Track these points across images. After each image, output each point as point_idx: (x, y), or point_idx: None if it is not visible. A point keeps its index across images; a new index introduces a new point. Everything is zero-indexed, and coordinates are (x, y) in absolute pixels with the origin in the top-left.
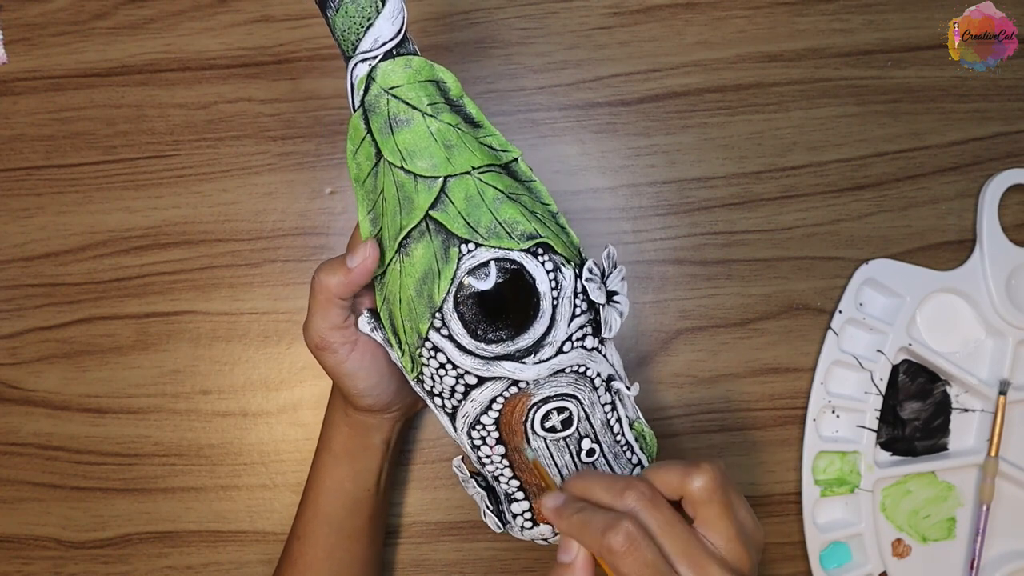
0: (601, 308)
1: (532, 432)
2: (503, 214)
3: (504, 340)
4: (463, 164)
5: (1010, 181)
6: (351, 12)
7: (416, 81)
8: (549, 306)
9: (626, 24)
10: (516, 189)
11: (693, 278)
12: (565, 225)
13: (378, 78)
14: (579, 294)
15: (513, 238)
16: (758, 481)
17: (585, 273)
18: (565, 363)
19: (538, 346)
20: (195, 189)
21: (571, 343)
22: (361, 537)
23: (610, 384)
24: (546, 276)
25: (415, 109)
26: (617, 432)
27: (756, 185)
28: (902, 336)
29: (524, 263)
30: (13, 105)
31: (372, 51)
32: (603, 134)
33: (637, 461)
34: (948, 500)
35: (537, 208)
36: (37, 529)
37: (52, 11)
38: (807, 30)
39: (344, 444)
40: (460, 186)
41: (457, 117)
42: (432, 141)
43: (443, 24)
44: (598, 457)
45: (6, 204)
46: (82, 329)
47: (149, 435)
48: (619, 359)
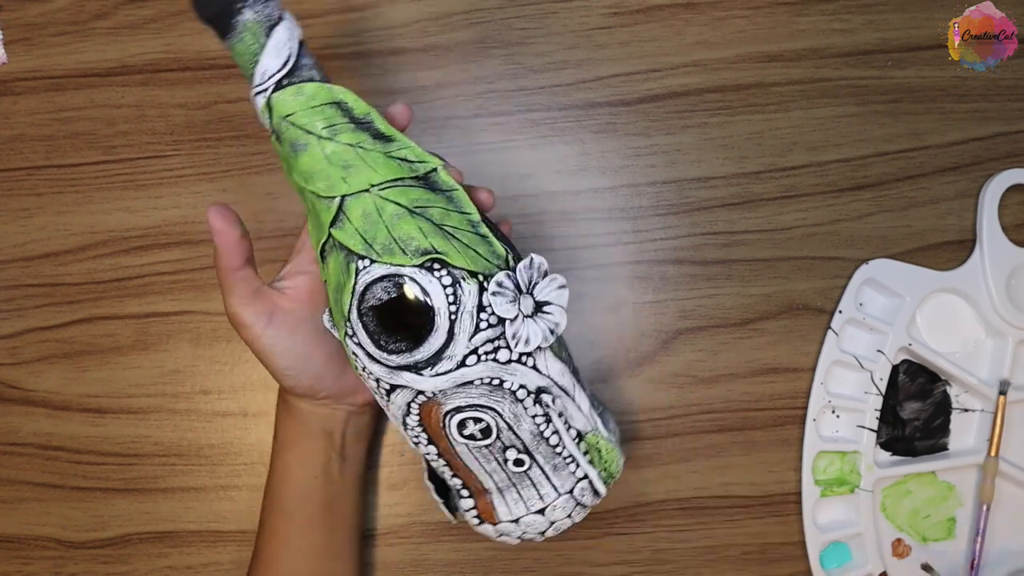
0: (509, 323)
1: (451, 439)
2: (399, 230)
3: (404, 352)
4: (361, 183)
5: (1010, 181)
6: (239, 50)
7: (310, 107)
8: (445, 321)
9: (626, 24)
10: (428, 201)
11: (693, 278)
12: (487, 234)
13: (274, 107)
14: (484, 308)
15: (407, 254)
16: (758, 481)
17: (492, 287)
18: (471, 376)
19: (436, 359)
20: (195, 189)
21: (477, 357)
22: (315, 526)
23: (540, 397)
24: (442, 291)
25: (310, 134)
26: (556, 444)
27: (756, 185)
28: (902, 336)
29: (417, 279)
30: (13, 105)
31: (263, 84)
32: (603, 134)
33: (583, 475)
34: (948, 500)
35: (451, 219)
36: (37, 529)
37: (52, 11)
38: (807, 30)
39: (285, 431)
40: (358, 204)
41: (361, 135)
42: (327, 163)
43: (443, 24)
44: (530, 467)
45: (6, 204)
46: (82, 329)
47: (149, 435)
48: (564, 370)
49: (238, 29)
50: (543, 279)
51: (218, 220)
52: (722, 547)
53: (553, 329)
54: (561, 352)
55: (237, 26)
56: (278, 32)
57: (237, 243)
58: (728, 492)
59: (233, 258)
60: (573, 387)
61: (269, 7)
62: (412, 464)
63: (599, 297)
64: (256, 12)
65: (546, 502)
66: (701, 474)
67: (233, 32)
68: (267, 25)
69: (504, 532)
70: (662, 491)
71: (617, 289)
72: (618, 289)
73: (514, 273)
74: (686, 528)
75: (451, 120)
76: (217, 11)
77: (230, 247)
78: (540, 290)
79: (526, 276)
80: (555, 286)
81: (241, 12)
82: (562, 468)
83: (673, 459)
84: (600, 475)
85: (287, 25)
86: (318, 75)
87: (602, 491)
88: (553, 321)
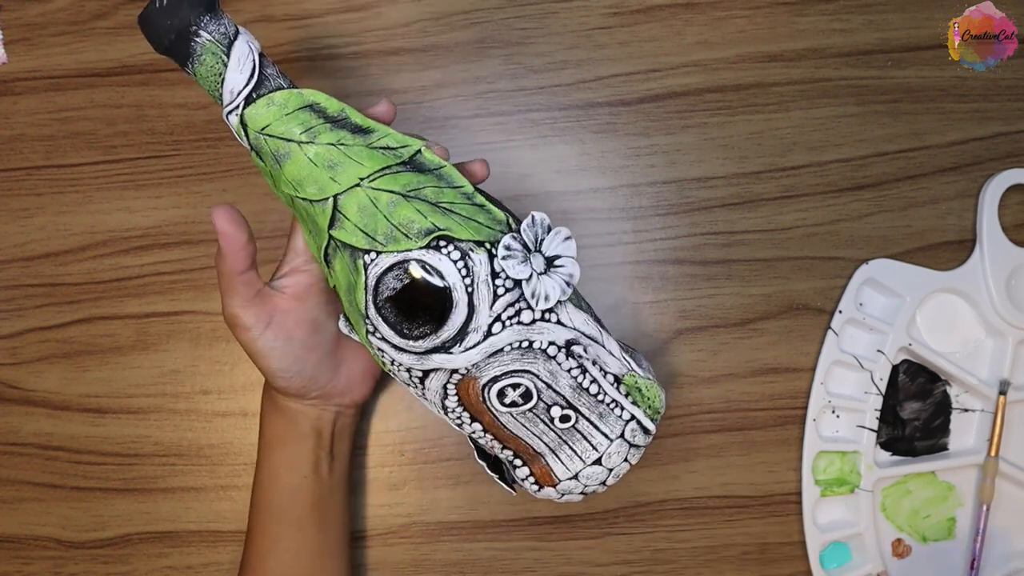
0: (525, 283)
1: (494, 411)
2: (397, 216)
3: (429, 335)
4: (349, 179)
5: (1010, 181)
6: (202, 73)
7: (284, 115)
8: (463, 295)
9: (626, 24)
10: (419, 183)
11: (693, 278)
12: (483, 203)
13: (248, 123)
14: (498, 274)
15: (410, 238)
16: (758, 481)
17: (501, 251)
18: (500, 343)
19: (462, 335)
20: (195, 189)
21: (501, 323)
22: (305, 526)
23: (571, 349)
24: (453, 267)
25: (290, 141)
26: (596, 392)
27: (756, 185)
28: (902, 336)
29: (427, 259)
30: (13, 105)
31: (233, 102)
32: (603, 134)
33: (630, 416)
34: (948, 500)
35: (445, 195)
36: (37, 529)
37: (52, 11)
38: (807, 30)
39: (273, 431)
40: (351, 200)
41: (340, 132)
42: (313, 167)
43: (443, 24)
44: (576, 420)
45: (6, 204)
46: (82, 329)
47: (149, 435)
48: (587, 318)
49: (197, 52)
50: (548, 234)
51: (225, 223)
52: (722, 547)
53: (569, 280)
54: (580, 303)
55: (196, 49)
56: (238, 47)
57: (243, 247)
58: (728, 492)
59: (238, 262)
60: (600, 333)
61: (223, 24)
62: (412, 464)
63: (599, 297)
64: (211, 32)
65: (600, 451)
66: (701, 474)
67: (193, 56)
68: (225, 43)
69: (566, 491)
70: (662, 491)
71: (617, 289)
72: (618, 289)
73: (519, 234)
74: (686, 528)
75: (451, 120)
76: (173, 38)
77: (236, 250)
78: (548, 245)
79: (531, 234)
80: (561, 238)
81: (197, 35)
82: (608, 415)
83: (673, 459)
84: (646, 413)
85: (245, 39)
86: (285, 82)
87: (652, 428)
88: (567, 273)
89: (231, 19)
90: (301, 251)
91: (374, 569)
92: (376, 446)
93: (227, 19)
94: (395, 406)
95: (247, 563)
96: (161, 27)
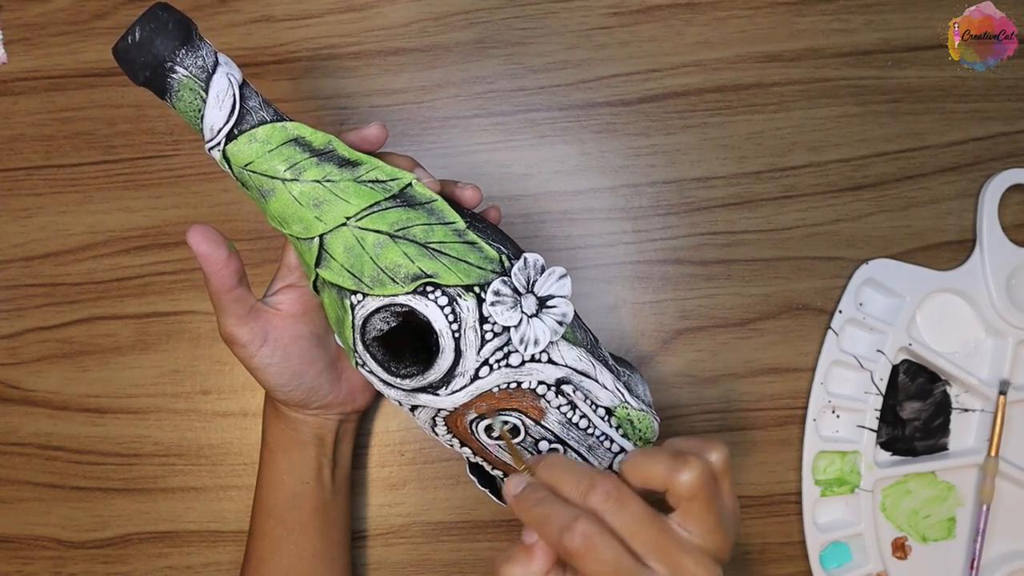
0: (514, 329)
1: (482, 441)
2: (384, 259)
3: (416, 375)
4: (335, 218)
5: (1010, 181)
6: (181, 108)
7: (267, 152)
8: (450, 340)
9: (626, 24)
10: (408, 220)
11: (693, 278)
12: (475, 240)
13: (231, 159)
14: (487, 319)
15: (397, 282)
16: (758, 481)
17: (489, 297)
18: (487, 386)
19: (449, 378)
20: (195, 189)
21: (489, 367)
22: (307, 530)
23: (561, 388)
24: (440, 312)
25: (274, 179)
26: (586, 426)
27: (756, 185)
28: (902, 336)
29: (413, 305)
30: (13, 105)
31: (214, 139)
32: (603, 134)
33: (619, 449)
34: (948, 500)
35: (435, 233)
36: (37, 529)
37: (52, 11)
38: (807, 30)
39: (276, 438)
40: (338, 240)
41: (327, 167)
42: (297, 206)
43: (443, 24)
44: (565, 452)
45: (6, 204)
46: (82, 329)
47: (149, 435)
48: (581, 354)
49: (174, 88)
50: (541, 275)
51: (201, 244)
52: None
53: (562, 321)
54: (576, 335)
55: (173, 85)
56: (216, 82)
57: (225, 264)
58: None
59: (223, 280)
60: (593, 367)
61: (200, 57)
62: (412, 464)
63: (599, 297)
64: (187, 67)
65: None
66: None
67: (170, 92)
68: (203, 77)
69: None
70: None
71: (617, 289)
72: (618, 289)
73: (510, 278)
74: None
75: (451, 120)
76: (149, 74)
77: (218, 270)
78: (541, 285)
79: (523, 277)
80: (555, 278)
81: (173, 71)
82: (597, 447)
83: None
84: (636, 445)
85: (224, 71)
86: (268, 114)
87: None
88: (560, 313)
89: (211, 47)
90: (294, 267)
91: (374, 569)
92: (377, 446)
93: (206, 49)
94: (395, 406)
95: (248, 565)
96: (135, 63)
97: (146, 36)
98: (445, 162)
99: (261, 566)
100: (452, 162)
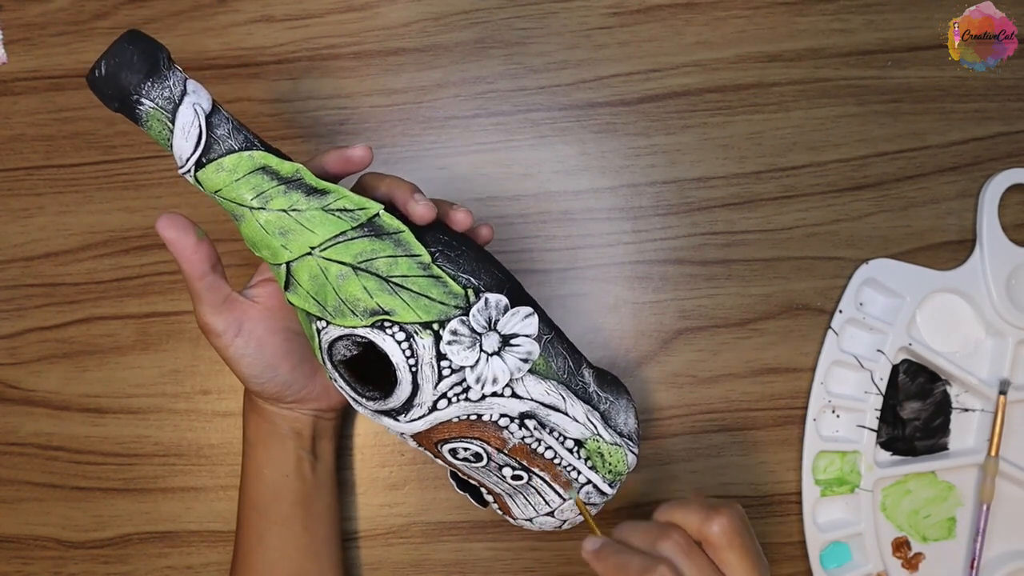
0: (470, 369)
1: (450, 461)
2: (345, 291)
3: (378, 399)
4: (300, 247)
5: (1010, 181)
6: (153, 135)
7: (234, 181)
8: (407, 374)
9: (626, 24)
10: (373, 251)
11: (693, 278)
12: (440, 275)
13: (203, 184)
14: (444, 356)
15: (356, 315)
16: (758, 481)
17: (446, 336)
18: (445, 417)
19: (407, 407)
20: (195, 189)
21: (447, 400)
22: (290, 524)
23: (524, 422)
24: (397, 347)
25: (242, 206)
26: (552, 457)
27: (756, 185)
28: (902, 336)
29: (372, 338)
30: (13, 105)
31: (184, 167)
32: (603, 134)
33: (586, 480)
34: (948, 500)
35: (399, 266)
36: (37, 529)
37: (52, 11)
38: (807, 30)
39: (254, 431)
40: (304, 268)
41: (294, 196)
42: (264, 234)
43: (443, 24)
44: (530, 479)
45: (6, 204)
46: (82, 329)
47: (149, 435)
48: (550, 387)
49: (143, 118)
50: (504, 314)
51: (168, 230)
52: None
53: (526, 359)
54: (549, 365)
55: (141, 116)
56: (182, 114)
57: (194, 251)
58: (728, 492)
59: (194, 265)
60: (563, 400)
61: (167, 88)
62: (412, 464)
63: (599, 297)
64: (154, 99)
65: (552, 507)
66: (701, 474)
67: (140, 121)
68: (170, 108)
69: (524, 527)
70: (662, 491)
71: (617, 289)
72: (618, 289)
73: (468, 318)
74: None
75: (451, 120)
76: (118, 105)
77: (187, 255)
78: (505, 324)
79: (482, 318)
80: (520, 317)
81: (140, 103)
82: (563, 476)
83: (673, 459)
84: (605, 478)
85: (191, 101)
86: (236, 143)
87: (609, 492)
88: (524, 352)
89: (180, 75)
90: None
91: (374, 569)
92: (376, 446)
93: (174, 79)
94: None
95: (236, 559)
96: (104, 95)
97: (111, 70)
98: (445, 162)
99: (247, 559)
100: (452, 162)
